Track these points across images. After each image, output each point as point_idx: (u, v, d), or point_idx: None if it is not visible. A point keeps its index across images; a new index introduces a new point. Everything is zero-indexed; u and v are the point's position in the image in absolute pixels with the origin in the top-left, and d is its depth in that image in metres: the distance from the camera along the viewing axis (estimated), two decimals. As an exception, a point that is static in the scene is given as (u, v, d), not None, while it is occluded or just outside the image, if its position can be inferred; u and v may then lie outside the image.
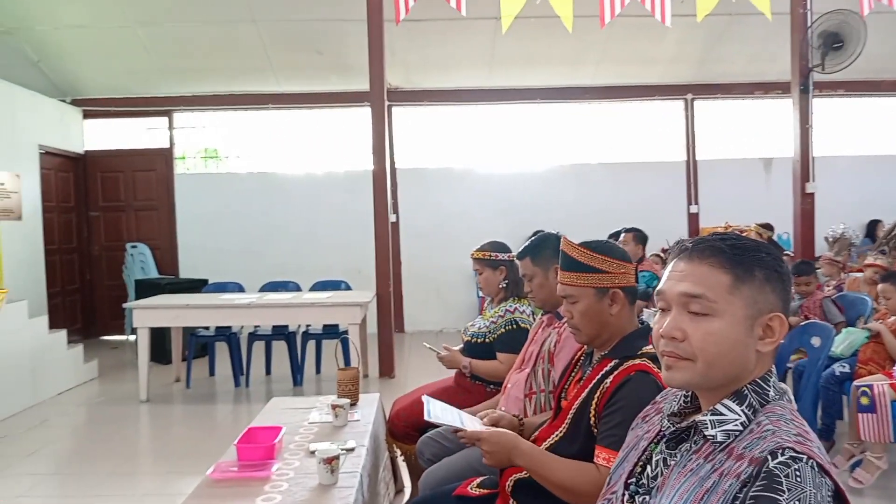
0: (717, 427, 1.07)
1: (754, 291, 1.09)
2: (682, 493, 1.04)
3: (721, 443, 1.05)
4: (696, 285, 1.10)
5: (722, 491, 0.98)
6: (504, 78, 8.38)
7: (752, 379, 1.10)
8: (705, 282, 1.10)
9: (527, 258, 2.46)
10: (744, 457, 1.00)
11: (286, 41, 7.65)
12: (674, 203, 8.64)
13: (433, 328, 8.43)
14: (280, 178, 8.55)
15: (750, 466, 0.97)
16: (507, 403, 2.47)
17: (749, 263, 1.10)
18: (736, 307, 1.08)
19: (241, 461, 2.28)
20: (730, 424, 1.06)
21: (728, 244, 1.12)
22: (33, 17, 7.17)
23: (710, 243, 1.13)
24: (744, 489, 0.95)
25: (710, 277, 1.10)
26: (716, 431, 1.06)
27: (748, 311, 1.09)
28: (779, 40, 6.80)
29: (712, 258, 1.11)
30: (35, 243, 7.22)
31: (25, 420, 4.97)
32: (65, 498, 3.67)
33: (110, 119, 8.52)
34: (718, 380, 1.09)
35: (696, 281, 1.10)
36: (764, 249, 1.12)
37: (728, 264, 1.10)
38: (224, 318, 5.64)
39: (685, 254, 1.15)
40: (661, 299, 1.16)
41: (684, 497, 1.02)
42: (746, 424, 1.06)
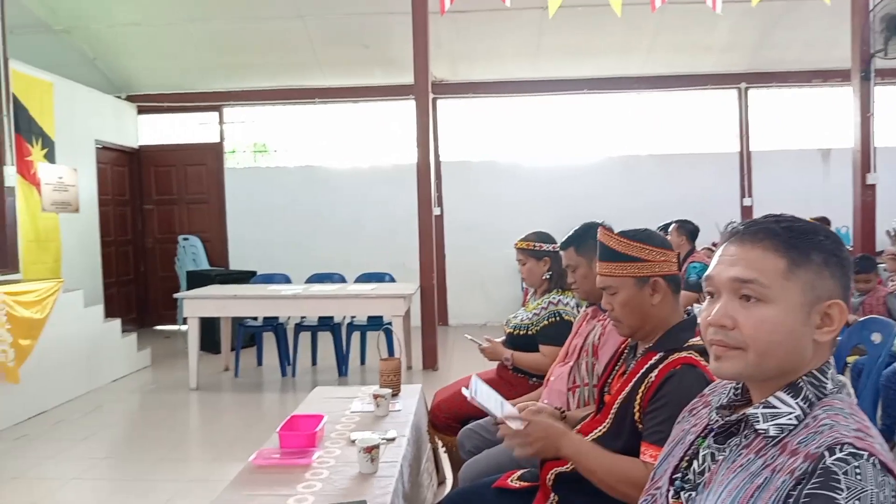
0: (769, 421, 1.00)
1: (811, 276, 1.02)
2: (730, 489, 0.98)
3: (773, 437, 0.99)
4: (748, 270, 1.03)
5: (774, 488, 0.92)
6: (550, 69, 8.27)
7: (808, 370, 1.03)
8: (758, 266, 1.03)
9: (570, 248, 2.41)
10: (798, 452, 0.94)
11: (332, 36, 7.70)
12: (726, 196, 8.39)
13: (477, 321, 8.40)
14: (326, 171, 8.63)
15: (805, 462, 0.91)
16: (550, 396, 2.43)
17: (806, 247, 1.02)
18: (791, 293, 1.01)
19: (283, 448, 2.30)
20: (783, 418, 1.00)
21: (783, 226, 1.04)
22: (90, 16, 7.39)
23: (764, 225, 1.06)
24: (798, 486, 0.89)
25: (763, 261, 1.03)
26: (768, 425, 1.00)
27: (804, 298, 1.01)
28: (838, 25, 6.54)
29: (766, 241, 1.04)
30: (91, 235, 7.46)
31: (81, 405, 5.14)
32: (117, 481, 3.77)
33: (163, 114, 8.73)
34: (771, 371, 1.03)
35: (749, 265, 1.04)
36: (822, 232, 1.05)
37: (783, 248, 1.03)
38: (271, 308, 5.73)
39: (736, 237, 1.08)
40: (710, 285, 1.09)
41: (733, 493, 0.97)
42: (801, 418, 0.99)
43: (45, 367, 4.91)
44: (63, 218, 6.73)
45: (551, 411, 2.05)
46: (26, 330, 4.67)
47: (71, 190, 6.80)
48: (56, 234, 6.65)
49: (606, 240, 1.80)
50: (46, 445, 4.26)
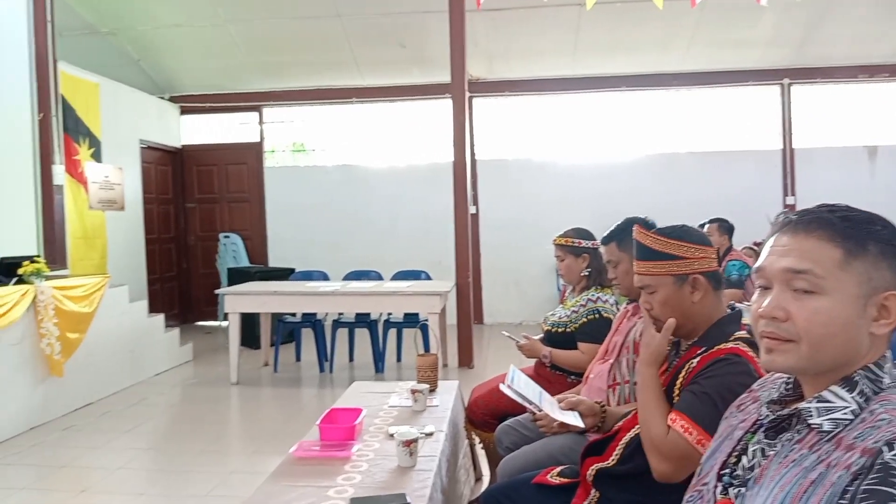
0: (823, 415, 0.98)
1: (868, 267, 0.99)
2: (783, 484, 0.96)
3: (828, 432, 0.97)
4: (801, 260, 1.01)
5: (829, 483, 0.90)
6: (588, 66, 8.20)
7: (864, 364, 1.00)
8: (812, 256, 1.00)
9: (612, 243, 2.39)
10: (855, 447, 0.91)
11: (370, 35, 7.76)
12: (769, 194, 8.21)
13: (512, 320, 8.39)
14: (363, 170, 8.70)
15: (862, 458, 0.89)
16: (590, 394, 2.41)
17: (862, 237, 1.00)
18: (847, 284, 0.98)
19: (323, 441, 2.33)
20: (838, 412, 0.97)
21: (838, 215, 1.02)
22: (135, 18, 7.58)
23: (818, 215, 1.03)
24: (855, 482, 0.87)
25: (817, 251, 1.00)
26: (822, 420, 0.98)
27: (861, 290, 0.98)
28: (886, 19, 6.35)
29: (820, 231, 1.01)
30: (136, 232, 7.65)
31: (126, 398, 5.28)
32: (159, 472, 3.86)
33: (205, 115, 8.90)
34: (825, 364, 1.00)
35: (802, 255, 1.01)
36: (879, 222, 1.02)
37: (838, 237, 1.00)
38: (309, 305, 5.80)
39: (789, 227, 1.05)
40: (762, 276, 1.07)
41: (786, 489, 0.95)
42: (857, 413, 0.96)
43: (92, 360, 5.05)
44: (109, 216, 6.92)
45: (591, 404, 2.04)
46: (74, 324, 4.81)
47: (117, 188, 6.98)
48: (102, 231, 6.84)
49: (643, 238, 1.78)
50: (93, 436, 4.38)
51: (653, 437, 1.58)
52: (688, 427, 1.52)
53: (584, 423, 2.02)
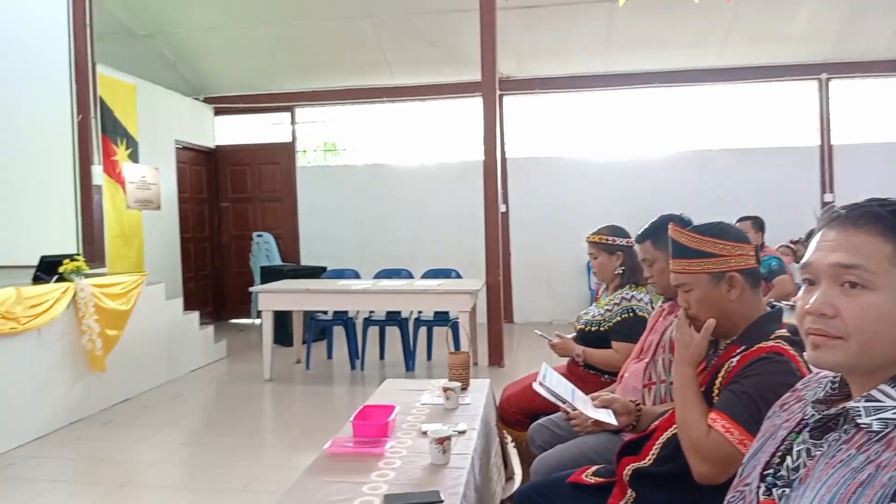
0: (872, 415, 0.95)
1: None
2: (830, 485, 0.94)
3: (877, 432, 0.94)
4: (851, 255, 0.98)
5: (880, 484, 0.88)
6: (620, 62, 8.12)
7: None
8: (862, 251, 0.97)
9: (647, 242, 2.36)
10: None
11: (401, 35, 7.79)
12: (806, 191, 8.04)
13: (543, 319, 8.34)
14: (394, 169, 8.73)
15: None
16: (625, 393, 2.39)
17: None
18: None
19: (356, 437, 2.34)
20: (889, 412, 0.94)
21: (889, 209, 0.98)
22: (171, 22, 7.72)
23: (868, 209, 1.00)
24: None
25: (867, 246, 0.97)
26: (871, 419, 0.95)
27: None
28: (931, 11, 6.18)
29: (870, 225, 0.98)
30: (172, 231, 7.79)
31: (163, 393, 5.38)
32: (196, 466, 3.93)
33: (238, 115, 9.02)
34: (874, 362, 0.97)
35: (852, 250, 0.98)
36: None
37: (889, 232, 0.97)
38: (341, 303, 5.85)
39: (837, 221, 1.02)
40: (808, 272, 1.04)
41: (833, 490, 0.93)
42: None
43: (129, 356, 5.15)
44: (145, 215, 7.05)
45: (625, 402, 2.02)
46: (113, 321, 4.92)
47: (153, 188, 7.11)
48: (139, 230, 6.98)
49: (678, 236, 1.75)
50: (132, 430, 4.47)
51: (693, 437, 1.55)
52: (728, 427, 1.49)
53: (617, 421, 2.01)
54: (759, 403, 1.40)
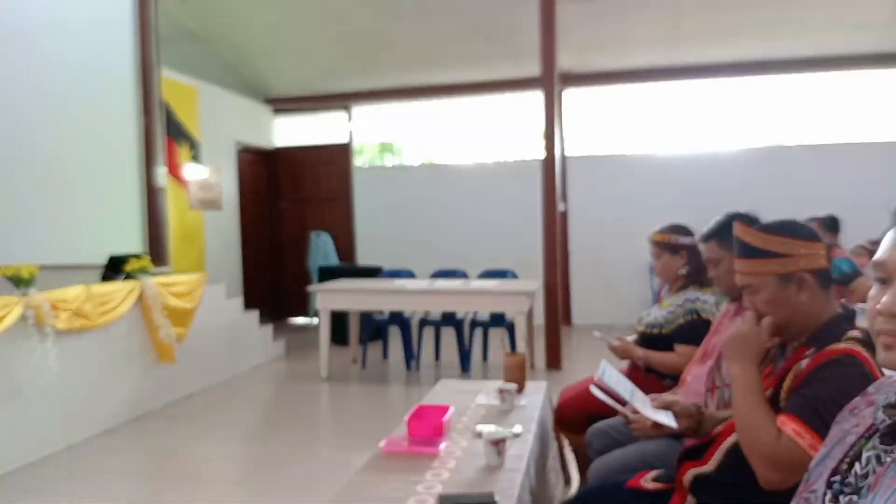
0: None
1: None
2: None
3: None
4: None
5: None
6: (688, 54, 7.81)
7: None
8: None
9: (712, 241, 2.26)
10: None
11: (458, 30, 7.72)
12: (889, 189, 7.59)
13: (603, 321, 8.16)
14: (450, 168, 8.72)
15: None
16: (687, 397, 2.29)
17: None
18: None
19: (411, 436, 2.32)
20: None
21: None
22: (232, 24, 7.89)
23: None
24: None
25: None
26: None
27: None
28: None
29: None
30: (232, 231, 7.97)
31: (223, 390, 5.49)
32: (255, 462, 3.99)
33: (296, 116, 9.17)
34: None
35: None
36: None
37: None
38: (397, 303, 5.86)
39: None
40: (881, 270, 0.98)
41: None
42: None
43: (192, 352, 5.28)
44: (207, 215, 7.24)
45: (686, 405, 1.94)
46: (179, 318, 5.05)
47: (215, 189, 7.29)
48: (201, 230, 7.17)
49: (744, 235, 1.66)
50: (194, 425, 4.59)
51: (762, 443, 1.46)
52: (800, 431, 1.40)
53: (677, 424, 1.92)
54: (830, 407, 1.31)
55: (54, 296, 4.01)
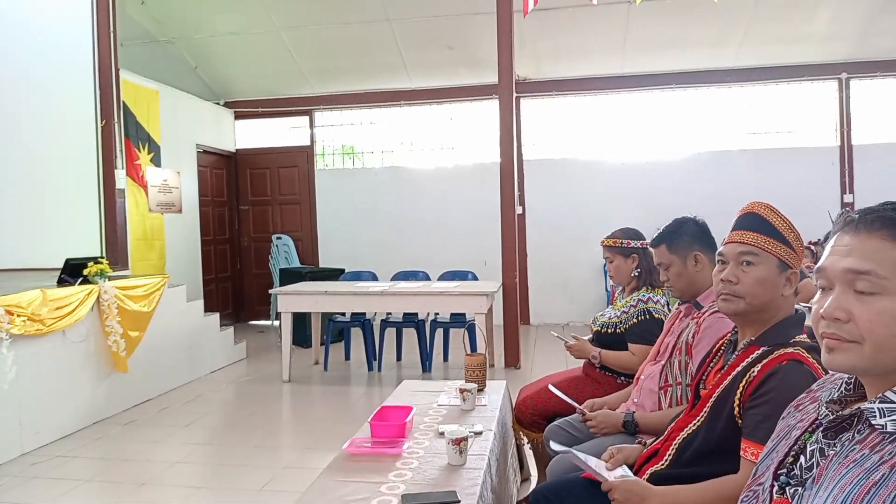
0: (886, 416, 0.96)
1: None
2: (843, 485, 0.95)
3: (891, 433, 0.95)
4: (863, 260, 0.99)
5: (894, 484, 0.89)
6: (638, 64, 8.10)
7: None
8: (874, 257, 0.98)
9: (662, 245, 2.36)
10: None
11: (418, 38, 7.83)
12: (826, 192, 7.96)
13: (559, 321, 8.35)
14: (412, 172, 8.78)
15: None
16: (642, 395, 2.41)
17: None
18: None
19: (374, 437, 2.38)
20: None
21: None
22: (192, 27, 7.83)
23: (880, 213, 1.01)
24: None
25: (880, 252, 0.98)
26: (885, 421, 0.95)
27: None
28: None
29: (883, 230, 0.99)
30: (193, 234, 7.89)
31: (183, 394, 5.45)
32: (216, 466, 3.98)
33: (258, 119, 9.12)
34: (888, 365, 0.98)
35: (864, 256, 0.99)
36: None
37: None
38: (359, 304, 5.89)
39: (850, 226, 1.04)
40: (822, 277, 1.05)
41: (846, 490, 0.94)
42: None
43: (151, 357, 5.24)
44: (167, 218, 7.15)
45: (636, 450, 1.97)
46: (135, 322, 5.00)
47: (175, 192, 7.21)
48: (161, 233, 7.08)
49: (767, 213, 1.71)
50: (153, 430, 4.55)
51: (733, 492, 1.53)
52: (758, 453, 1.49)
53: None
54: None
55: (9, 300, 3.95)
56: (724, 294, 1.72)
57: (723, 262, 1.75)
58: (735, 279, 1.69)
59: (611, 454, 1.98)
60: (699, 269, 2.31)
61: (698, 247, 2.31)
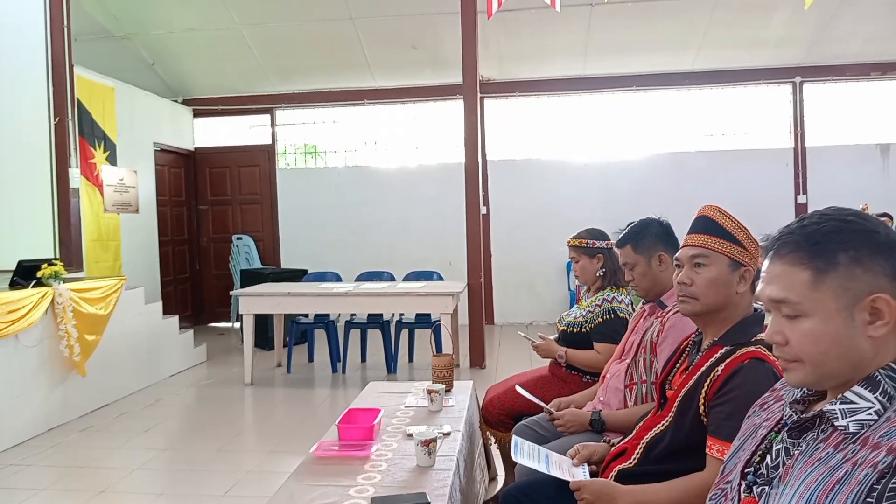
0: (848, 417, 0.99)
1: (841, 280, 1.00)
2: (808, 483, 0.97)
3: (853, 433, 0.98)
4: (778, 289, 1.04)
5: (856, 481, 0.91)
6: (599, 66, 8.21)
7: (884, 364, 1.01)
8: (786, 282, 1.03)
9: (627, 246, 2.40)
10: (881, 446, 0.92)
11: (382, 37, 7.79)
12: (780, 192, 8.19)
13: (523, 320, 8.40)
14: (375, 171, 8.73)
15: (889, 456, 0.90)
16: (607, 394, 2.43)
17: (830, 251, 1.01)
18: (823, 302, 1.01)
19: (342, 440, 2.35)
20: (863, 413, 0.98)
21: (807, 231, 1.04)
22: (150, 23, 7.65)
23: (787, 238, 1.05)
24: (882, 480, 0.88)
25: (789, 277, 1.03)
26: (847, 422, 0.98)
27: (839, 303, 1.00)
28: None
29: (790, 255, 1.04)
30: (150, 235, 7.72)
31: (142, 398, 5.33)
32: (177, 472, 3.90)
33: (217, 117, 8.96)
34: (834, 377, 1.03)
35: (779, 283, 1.04)
36: (848, 227, 1.02)
37: (806, 258, 1.02)
38: (323, 306, 5.84)
39: (771, 251, 1.08)
40: (763, 302, 1.10)
41: (811, 487, 0.96)
42: (881, 412, 0.97)
43: (108, 361, 5.11)
44: (123, 218, 6.99)
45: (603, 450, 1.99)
46: (91, 326, 4.87)
47: (131, 191, 7.05)
48: (117, 233, 6.91)
49: (715, 215, 1.78)
50: (111, 436, 4.43)
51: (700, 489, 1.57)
52: (722, 450, 1.54)
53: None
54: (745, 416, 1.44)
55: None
56: (681, 296, 1.79)
57: (678, 265, 1.82)
58: (689, 281, 1.76)
59: (576, 451, 2.01)
60: (663, 269, 2.35)
61: (662, 247, 2.35)
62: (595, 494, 1.68)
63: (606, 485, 1.71)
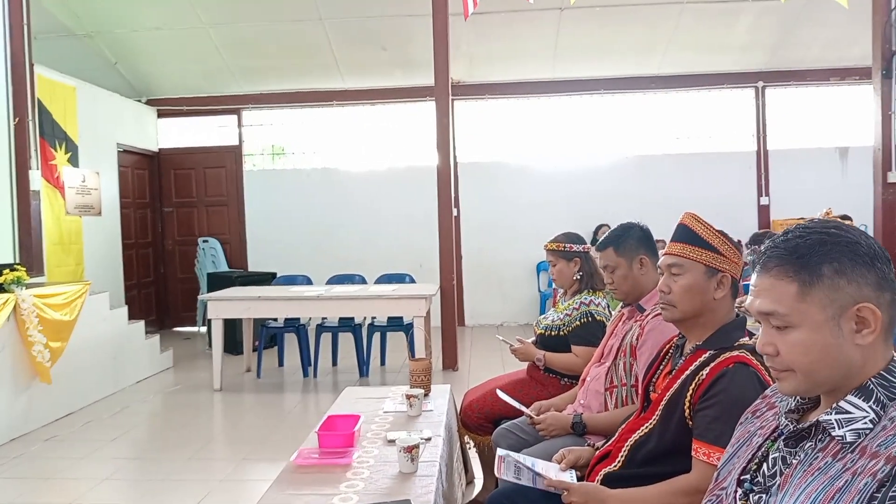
0: (844, 427, 1.01)
1: (826, 291, 1.02)
2: (808, 492, 0.99)
3: (851, 443, 0.99)
4: (766, 301, 1.07)
5: (856, 490, 0.93)
6: (568, 69, 8.28)
7: (874, 372, 1.03)
8: (773, 296, 1.06)
9: (609, 248, 2.41)
10: (879, 455, 0.94)
11: (352, 38, 7.74)
12: (744, 195, 8.38)
13: (494, 321, 8.43)
14: (344, 173, 8.67)
15: (888, 465, 0.92)
16: (587, 397, 2.45)
17: (814, 263, 1.03)
18: (810, 313, 1.03)
19: (322, 448, 2.32)
20: (858, 423, 1.00)
21: (791, 246, 1.06)
22: (113, 21, 7.47)
23: (773, 252, 1.08)
24: (882, 489, 0.90)
25: (776, 290, 1.06)
26: (844, 431, 1.00)
27: (826, 313, 1.02)
28: (858, 23, 6.51)
29: (776, 268, 1.07)
30: (113, 238, 7.54)
31: (108, 406, 5.20)
32: (147, 482, 3.80)
33: (182, 118, 8.80)
34: (825, 385, 1.05)
35: (767, 296, 1.07)
36: (831, 239, 1.04)
37: (792, 271, 1.05)
38: (293, 310, 5.77)
39: (759, 265, 1.11)
40: (754, 314, 1.13)
41: (812, 496, 0.98)
42: (876, 421, 0.99)
43: (72, 368, 4.97)
44: (86, 221, 6.81)
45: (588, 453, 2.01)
46: (56, 332, 4.73)
47: (93, 193, 6.87)
48: (79, 236, 6.72)
49: (691, 223, 1.81)
50: (77, 446, 4.31)
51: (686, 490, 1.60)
52: (709, 453, 1.57)
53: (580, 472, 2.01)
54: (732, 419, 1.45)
55: (-85, 312, 3.66)
56: (661, 304, 1.83)
57: (661, 273, 1.86)
58: (668, 289, 1.80)
59: (563, 455, 2.01)
60: (644, 272, 2.37)
61: (643, 251, 2.38)
62: (584, 497, 1.69)
63: (595, 488, 1.72)
